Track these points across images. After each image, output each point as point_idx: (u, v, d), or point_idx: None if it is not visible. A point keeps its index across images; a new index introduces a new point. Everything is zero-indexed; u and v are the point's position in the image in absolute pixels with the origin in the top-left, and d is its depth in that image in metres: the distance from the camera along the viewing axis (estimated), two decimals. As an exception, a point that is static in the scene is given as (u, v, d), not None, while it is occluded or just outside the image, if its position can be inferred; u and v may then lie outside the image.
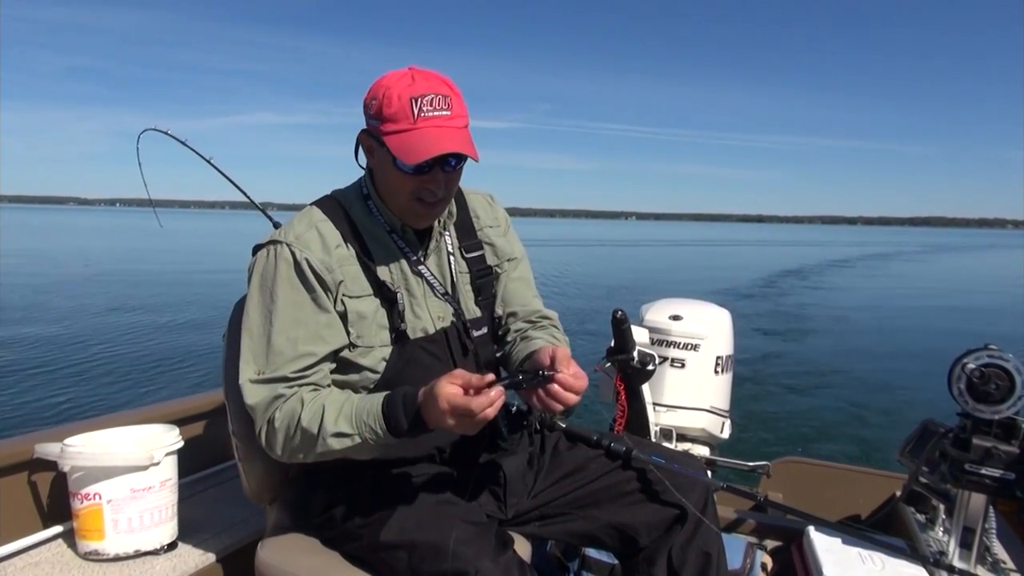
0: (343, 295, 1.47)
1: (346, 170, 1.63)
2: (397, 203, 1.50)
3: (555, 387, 1.31)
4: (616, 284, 21.72)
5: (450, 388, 1.25)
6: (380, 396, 1.37)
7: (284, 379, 1.41)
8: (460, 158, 1.45)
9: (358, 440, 1.36)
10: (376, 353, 1.49)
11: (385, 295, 1.50)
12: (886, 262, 41.12)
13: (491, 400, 1.24)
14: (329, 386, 1.48)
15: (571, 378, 1.33)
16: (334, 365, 1.49)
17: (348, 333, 1.48)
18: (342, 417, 1.36)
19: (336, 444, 1.37)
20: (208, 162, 2.51)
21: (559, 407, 1.33)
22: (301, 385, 1.42)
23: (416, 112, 1.38)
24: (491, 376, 1.27)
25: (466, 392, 1.25)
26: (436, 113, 1.39)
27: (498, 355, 1.72)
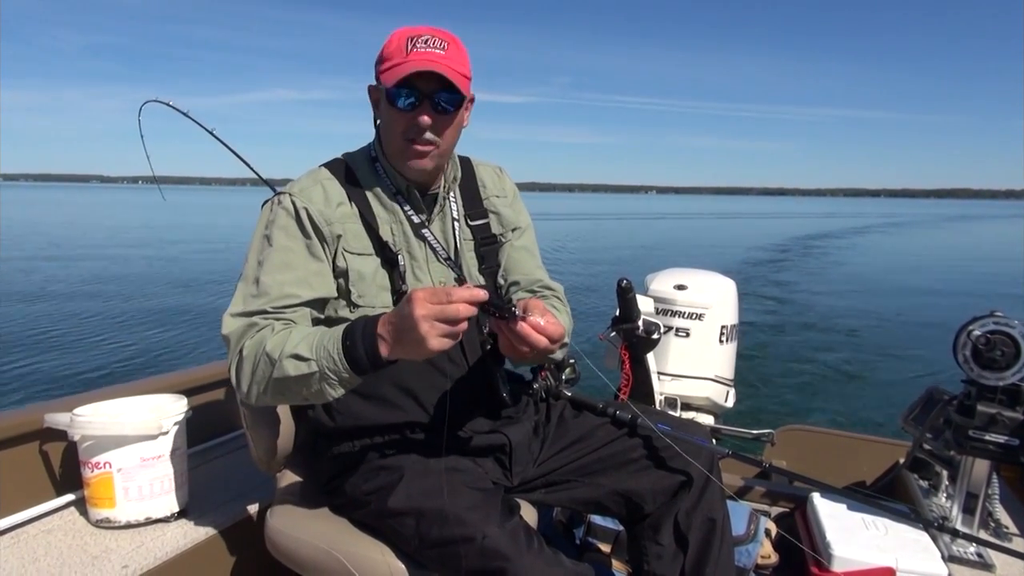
0: (344, 250, 1.48)
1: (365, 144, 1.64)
2: (391, 147, 1.51)
3: (522, 326, 1.22)
4: (629, 256, 21.71)
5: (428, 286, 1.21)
6: (345, 323, 1.33)
7: (262, 312, 1.40)
8: (452, 101, 1.45)
9: (314, 368, 1.27)
10: (377, 314, 1.47)
11: (386, 256, 1.51)
12: (900, 231, 40.90)
13: (472, 294, 1.15)
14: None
15: (540, 320, 1.23)
16: (321, 316, 1.49)
17: (349, 292, 1.49)
18: (304, 342, 1.31)
19: (291, 368, 1.28)
20: (211, 133, 2.50)
21: (526, 350, 1.26)
22: (277, 319, 1.41)
23: (410, 47, 1.41)
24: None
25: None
26: (429, 49, 1.42)
27: None
